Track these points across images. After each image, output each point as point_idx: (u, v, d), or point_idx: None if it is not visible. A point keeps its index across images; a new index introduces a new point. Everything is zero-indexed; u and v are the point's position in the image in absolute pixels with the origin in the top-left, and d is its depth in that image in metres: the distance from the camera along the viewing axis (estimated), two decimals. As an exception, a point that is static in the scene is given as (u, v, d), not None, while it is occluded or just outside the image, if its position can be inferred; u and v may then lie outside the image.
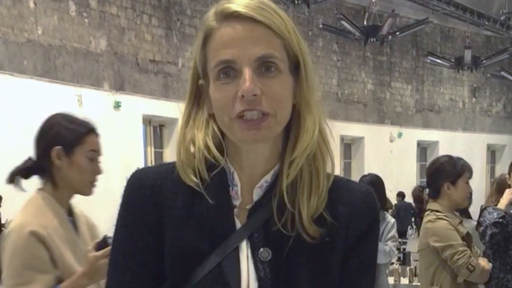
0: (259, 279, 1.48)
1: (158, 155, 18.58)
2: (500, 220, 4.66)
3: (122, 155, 17.12)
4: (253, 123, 1.42)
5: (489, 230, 4.68)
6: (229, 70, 1.43)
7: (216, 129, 1.53)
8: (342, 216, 1.53)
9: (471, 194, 4.72)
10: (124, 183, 1.58)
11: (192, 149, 1.53)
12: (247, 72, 1.41)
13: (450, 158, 4.65)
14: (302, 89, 1.49)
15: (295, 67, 1.50)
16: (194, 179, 1.50)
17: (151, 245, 1.53)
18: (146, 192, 1.53)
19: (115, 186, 6.28)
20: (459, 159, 4.64)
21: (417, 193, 5.01)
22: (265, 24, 1.42)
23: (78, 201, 4.86)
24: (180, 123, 1.55)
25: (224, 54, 1.41)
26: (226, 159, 1.52)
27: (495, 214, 4.70)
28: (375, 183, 6.19)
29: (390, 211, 15.19)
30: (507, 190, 4.76)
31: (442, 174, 4.57)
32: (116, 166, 17.27)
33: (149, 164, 18.07)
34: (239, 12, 1.41)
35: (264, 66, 1.43)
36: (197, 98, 1.54)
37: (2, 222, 13.15)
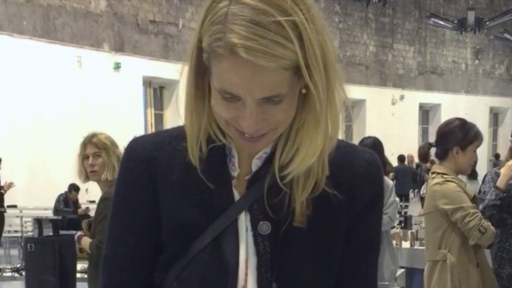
0: (258, 253, 1.43)
1: (158, 117, 18.53)
2: (498, 203, 4.60)
3: (122, 117, 17.08)
4: (252, 139, 1.37)
5: (487, 212, 4.62)
6: (233, 97, 1.35)
7: None
8: (345, 186, 1.46)
9: (475, 162, 4.64)
10: (123, 147, 1.55)
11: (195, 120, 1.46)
12: (251, 109, 1.33)
13: (464, 122, 4.56)
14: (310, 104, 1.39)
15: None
16: (195, 155, 1.45)
17: (147, 218, 1.49)
18: (142, 165, 1.48)
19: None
20: (473, 125, 4.54)
21: (425, 150, 4.89)
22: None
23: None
24: (186, 92, 1.46)
25: (229, 87, 1.33)
26: (226, 134, 1.46)
27: (494, 195, 4.63)
28: (376, 145, 6.06)
29: (390, 174, 15.19)
30: (506, 164, 4.66)
31: (454, 137, 4.48)
32: (115, 128, 17.26)
33: (149, 127, 18.05)
34: (241, 56, 1.28)
35: (270, 99, 1.35)
36: (201, 68, 1.43)
37: (2, 184, 13.19)
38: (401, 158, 18.56)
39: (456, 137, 4.44)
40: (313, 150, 1.38)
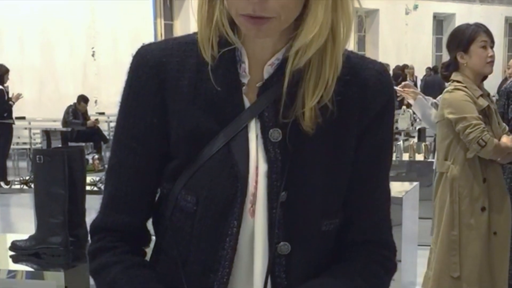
0: (269, 160, 1.43)
1: (168, 28, 18.36)
2: None
3: (131, 27, 16.96)
4: (256, 22, 1.34)
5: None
6: None
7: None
8: (355, 96, 1.46)
9: (492, 58, 4.44)
10: (131, 54, 1.52)
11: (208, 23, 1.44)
12: None
13: (458, 27, 4.45)
14: None
15: None
16: (208, 53, 1.43)
17: (155, 126, 1.48)
18: (151, 71, 1.47)
19: (123, 59, 6.07)
20: (469, 25, 4.38)
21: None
22: None
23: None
24: None
25: None
26: (237, 37, 1.44)
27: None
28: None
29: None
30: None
31: (453, 44, 4.38)
32: (124, 39, 17.16)
33: (159, 38, 17.88)
34: None
35: None
36: None
37: (10, 95, 13.14)
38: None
39: (455, 43, 4.35)
40: (326, 55, 1.38)
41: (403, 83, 5.57)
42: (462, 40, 4.31)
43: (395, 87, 5.41)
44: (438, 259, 4.24)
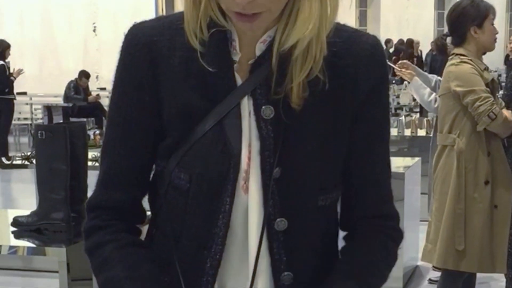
0: (261, 137, 1.44)
1: (169, 3, 18.26)
2: None
3: (131, 2, 16.89)
4: (247, 18, 1.35)
5: (505, 97, 4.48)
6: None
7: None
8: (348, 70, 1.46)
9: (496, 36, 4.46)
10: (124, 33, 1.53)
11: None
12: None
13: (472, 1, 4.40)
14: None
15: None
16: (195, 38, 1.43)
17: (147, 104, 1.49)
18: (142, 50, 1.48)
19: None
20: (481, 0, 4.39)
21: (441, 42, 4.74)
22: None
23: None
24: None
25: None
26: (227, 16, 1.43)
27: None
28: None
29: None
30: None
31: (467, 18, 4.33)
32: (126, 14, 17.10)
33: (160, 12, 17.81)
34: None
35: None
36: None
37: (11, 70, 13.11)
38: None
39: (470, 17, 4.29)
40: (311, 29, 1.37)
41: (400, 61, 5.56)
42: (477, 15, 4.28)
43: (394, 66, 5.44)
44: (444, 234, 4.24)
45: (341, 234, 1.59)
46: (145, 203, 1.58)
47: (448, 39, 4.58)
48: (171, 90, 1.47)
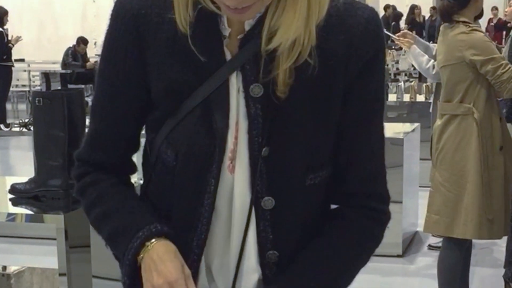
0: (249, 116, 1.42)
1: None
2: None
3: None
4: (238, 11, 1.33)
5: None
6: None
7: None
8: (340, 47, 1.43)
9: None
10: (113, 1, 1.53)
11: None
12: None
13: None
14: None
15: None
16: (184, 12, 1.41)
17: (134, 77, 1.49)
18: (129, 23, 1.47)
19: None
20: None
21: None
22: None
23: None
24: None
25: None
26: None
27: None
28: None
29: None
30: None
31: None
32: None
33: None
34: None
35: None
36: None
37: (9, 37, 13.07)
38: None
39: None
40: (299, 18, 1.34)
41: (401, 32, 5.54)
42: None
43: (393, 35, 5.41)
44: (475, 205, 4.17)
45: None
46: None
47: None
48: (158, 65, 1.46)
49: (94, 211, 1.53)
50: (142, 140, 1.58)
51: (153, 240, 1.43)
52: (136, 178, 1.71)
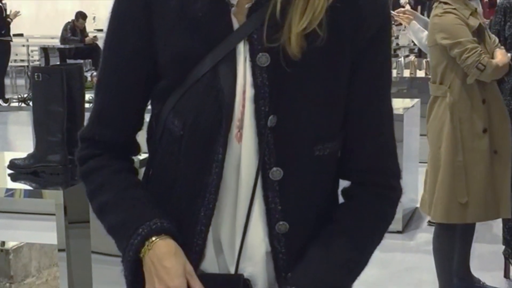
0: (256, 85, 1.42)
1: None
2: None
3: None
4: None
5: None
6: None
7: None
8: (347, 19, 1.43)
9: None
10: None
11: None
12: None
13: None
14: None
15: None
16: None
17: (141, 48, 1.49)
18: None
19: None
20: None
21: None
22: None
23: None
24: None
25: None
26: None
27: None
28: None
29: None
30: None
31: None
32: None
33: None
34: None
35: None
36: None
37: (8, 12, 13.03)
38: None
39: None
40: None
41: (401, 9, 5.51)
42: None
43: (393, 12, 5.39)
44: (445, 188, 4.18)
45: (341, 186, 1.57)
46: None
47: None
48: (166, 34, 1.45)
49: (96, 200, 1.53)
50: (146, 118, 1.57)
51: (153, 238, 1.43)
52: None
